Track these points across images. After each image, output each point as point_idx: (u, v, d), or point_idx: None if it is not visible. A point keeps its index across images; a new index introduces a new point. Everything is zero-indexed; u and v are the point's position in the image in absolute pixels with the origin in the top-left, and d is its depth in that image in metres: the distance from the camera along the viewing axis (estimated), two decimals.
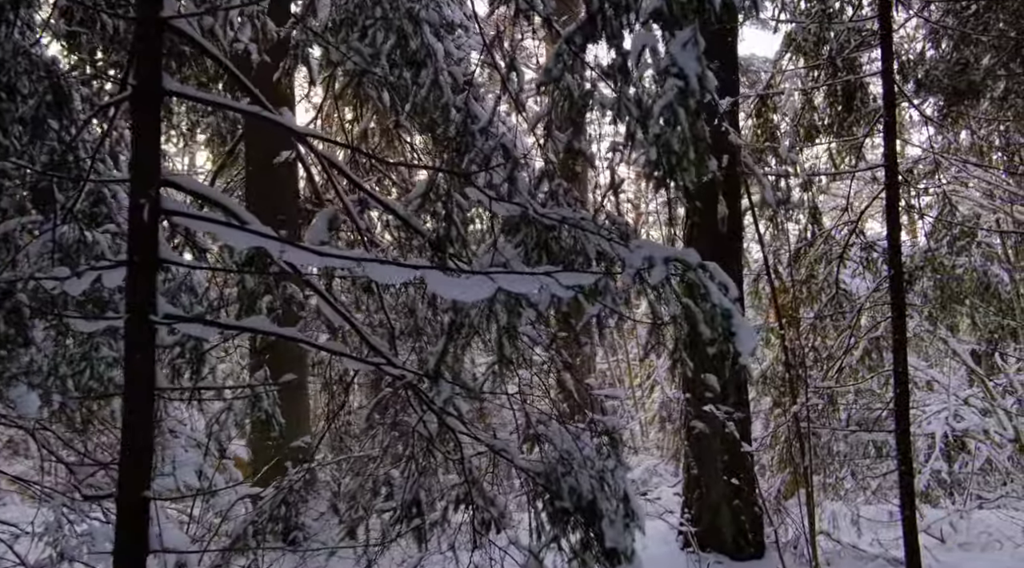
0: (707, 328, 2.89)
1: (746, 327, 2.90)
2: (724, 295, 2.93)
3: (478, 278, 2.86)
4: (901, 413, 7.15)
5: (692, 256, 2.88)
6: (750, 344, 2.88)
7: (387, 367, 3.37)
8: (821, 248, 8.79)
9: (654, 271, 2.78)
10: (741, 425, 8.33)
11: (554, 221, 3.12)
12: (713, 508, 8.29)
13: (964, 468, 12.81)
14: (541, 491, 3.91)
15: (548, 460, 3.85)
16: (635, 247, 2.87)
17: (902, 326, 7.28)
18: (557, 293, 2.91)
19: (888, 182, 7.45)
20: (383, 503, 4.02)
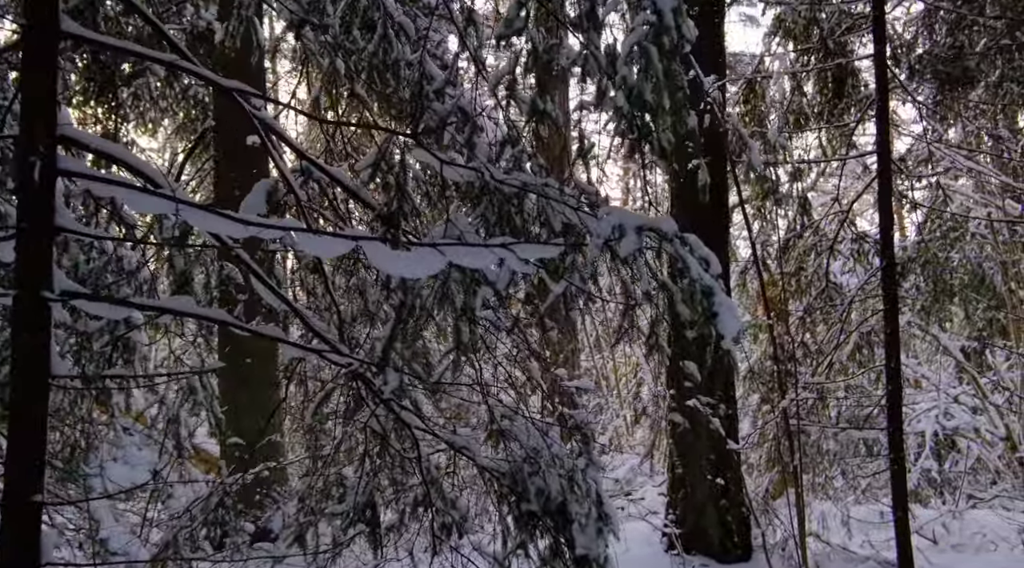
0: (686, 308, 2.52)
1: (729, 307, 2.53)
2: (705, 270, 2.55)
3: (425, 251, 2.48)
4: (894, 410, 6.81)
5: (668, 225, 2.50)
6: (734, 326, 2.51)
7: (331, 355, 2.99)
8: (811, 239, 8.44)
9: (624, 241, 2.41)
10: (728, 422, 7.97)
11: (514, 188, 2.74)
12: (698, 508, 7.92)
13: (954, 467, 12.53)
14: (507, 492, 3.53)
15: (514, 459, 3.48)
16: (603, 215, 2.49)
17: (894, 319, 6.93)
18: (516, 268, 2.54)
19: (880, 169, 7.10)
20: (334, 506, 3.63)
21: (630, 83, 2.35)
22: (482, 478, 3.51)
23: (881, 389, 8.08)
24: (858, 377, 8.19)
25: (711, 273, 2.56)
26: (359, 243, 2.47)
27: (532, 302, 2.95)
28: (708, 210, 7.85)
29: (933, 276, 8.17)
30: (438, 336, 3.37)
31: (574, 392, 3.55)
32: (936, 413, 11.75)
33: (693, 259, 2.53)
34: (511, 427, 3.40)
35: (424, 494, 3.58)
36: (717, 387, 7.82)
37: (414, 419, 3.38)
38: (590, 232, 2.53)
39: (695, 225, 8.01)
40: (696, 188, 7.86)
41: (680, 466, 7.99)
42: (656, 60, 2.32)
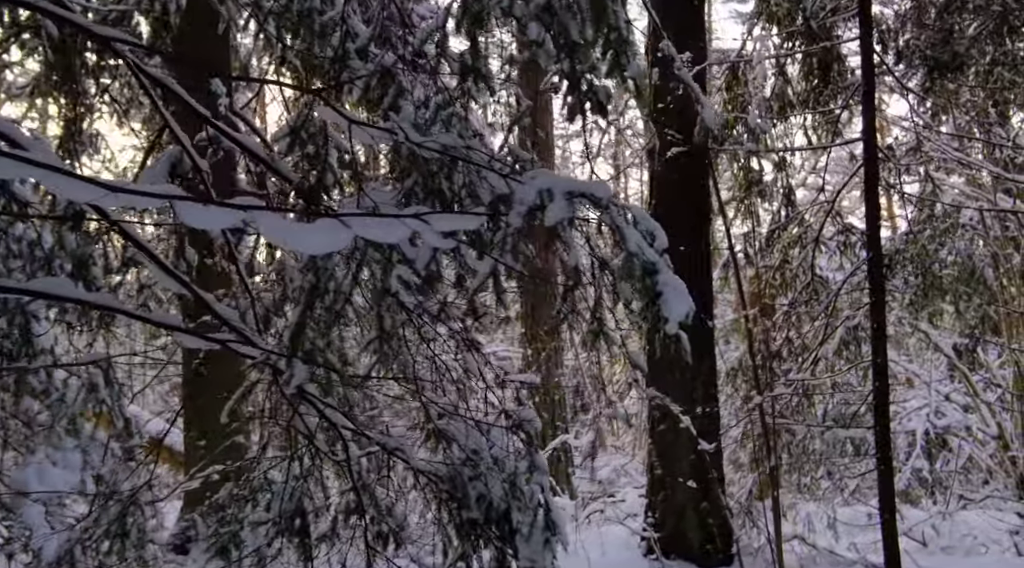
0: (626, 286, 2.17)
1: (676, 287, 2.18)
2: (650, 245, 2.21)
3: (328, 224, 2.13)
4: (880, 408, 6.47)
5: (602, 190, 2.15)
6: (680, 308, 2.16)
7: (240, 346, 2.64)
8: (795, 231, 8.09)
9: (552, 209, 2.06)
10: (710, 422, 7.63)
11: (433, 152, 2.39)
12: (678, 511, 7.56)
13: (946, 466, 12.24)
14: (446, 498, 3.18)
15: (452, 461, 3.12)
16: (528, 179, 2.14)
17: (881, 313, 6.59)
18: (434, 243, 2.19)
19: (867, 157, 6.77)
20: (259, 514, 3.28)
21: (559, 21, 2.01)
22: (418, 483, 3.15)
23: (869, 386, 7.75)
24: (844, 374, 7.84)
25: (656, 247, 2.21)
26: (249, 213, 2.12)
27: (460, 282, 2.61)
28: (687, 200, 7.52)
29: (922, 269, 7.82)
30: (360, 323, 3.02)
31: (519, 387, 3.21)
32: (927, 411, 11.46)
33: (634, 231, 2.18)
34: (448, 426, 3.05)
35: (357, 501, 3.22)
36: (698, 385, 7.48)
37: (340, 418, 3.03)
38: (512, 198, 2.18)
39: (673, 215, 7.71)
40: (674, 177, 7.53)
41: (660, 467, 7.63)
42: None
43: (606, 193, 2.14)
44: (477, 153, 2.41)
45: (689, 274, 7.63)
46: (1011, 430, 10.56)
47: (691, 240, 7.45)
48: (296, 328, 2.51)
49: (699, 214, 7.54)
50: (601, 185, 2.16)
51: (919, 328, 9.60)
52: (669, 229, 7.47)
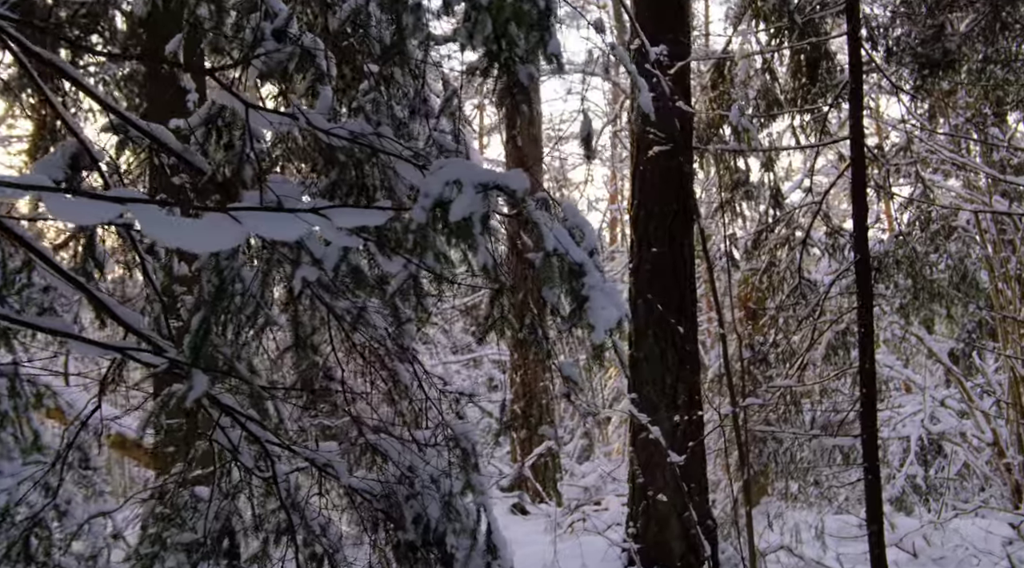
0: (550, 290, 1.93)
1: (606, 291, 1.94)
2: (578, 243, 1.96)
3: (216, 219, 1.88)
4: (868, 415, 6.22)
5: (518, 182, 1.90)
6: (609, 315, 1.91)
7: (139, 354, 2.39)
8: (783, 233, 7.84)
9: (458, 202, 1.81)
10: (693, 428, 7.37)
11: (342, 140, 2.14)
12: (661, 521, 7.29)
13: (940, 473, 12.02)
14: (382, 519, 2.93)
15: (386, 479, 2.88)
16: (436, 168, 1.89)
17: (869, 317, 6.34)
18: (332, 239, 1.94)
19: (854, 156, 6.52)
20: (184, 534, 3.03)
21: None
22: (352, 502, 2.91)
23: (858, 392, 7.50)
24: (831, 380, 7.58)
25: (585, 247, 1.96)
26: (129, 207, 1.88)
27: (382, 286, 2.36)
28: (669, 199, 7.26)
29: (913, 273, 7.56)
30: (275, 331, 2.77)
31: (456, 399, 2.96)
32: (921, 417, 11.25)
33: (560, 228, 1.94)
34: (381, 441, 2.80)
35: (287, 521, 2.97)
36: (681, 391, 7.22)
37: (266, 432, 2.78)
38: (416, 191, 1.94)
39: (655, 215, 7.46)
40: (657, 178, 7.28)
41: (642, 475, 7.37)
42: None
43: (521, 185, 1.88)
44: (390, 142, 2.16)
45: (670, 276, 7.47)
46: (1006, 437, 10.33)
47: (673, 241, 7.20)
48: (196, 335, 2.27)
49: (682, 214, 7.28)
50: (517, 176, 1.90)
51: (912, 333, 9.35)
52: (651, 229, 7.25)
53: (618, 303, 1.93)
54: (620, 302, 1.94)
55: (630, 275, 7.45)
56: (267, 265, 2.22)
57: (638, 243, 7.35)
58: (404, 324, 2.34)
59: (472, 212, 1.79)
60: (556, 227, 1.92)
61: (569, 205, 2.05)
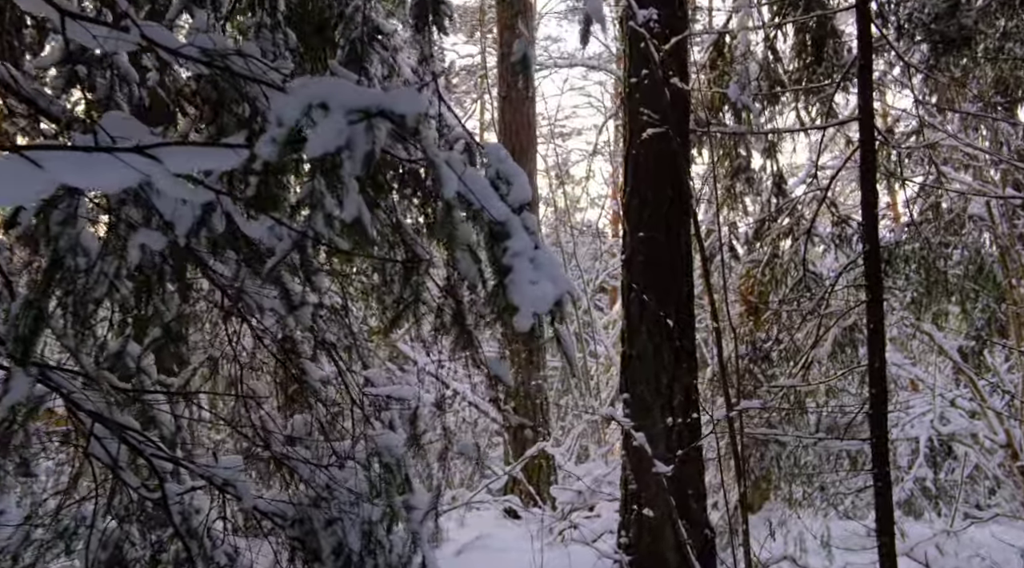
0: (463, 258, 1.40)
1: (538, 261, 1.40)
2: (503, 198, 1.42)
3: (7, 166, 1.35)
4: (877, 417, 5.66)
5: (409, 105, 1.36)
6: (541, 293, 1.38)
7: None
8: (786, 222, 7.29)
9: (318, 132, 1.27)
10: (690, 432, 6.83)
11: (195, 62, 1.61)
12: (654, 531, 6.73)
13: (951, 475, 11.51)
14: (297, 547, 2.39)
15: (299, 501, 2.34)
16: (296, 88, 1.35)
17: (879, 312, 5.79)
18: (166, 189, 1.41)
19: (863, 138, 5.97)
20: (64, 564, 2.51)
21: None
22: (259, 526, 2.37)
23: (866, 392, 6.96)
24: (837, 379, 7.03)
25: (512, 201, 1.43)
26: None
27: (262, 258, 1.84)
28: (665, 185, 6.70)
29: (925, 264, 7.00)
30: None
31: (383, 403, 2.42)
32: (931, 418, 10.74)
33: (473, 174, 1.40)
34: (290, 454, 2.27)
35: (186, 550, 2.44)
36: (677, 392, 6.67)
37: (148, 444, 2.25)
38: (266, 119, 1.40)
39: (649, 203, 6.91)
40: (651, 163, 6.72)
41: (634, 481, 6.82)
42: None
43: (413, 109, 1.34)
44: (255, 62, 1.63)
45: (666, 267, 6.91)
46: (1020, 438, 9.81)
47: (669, 230, 6.64)
48: (19, 323, 1.74)
49: (678, 201, 6.72)
50: (407, 97, 1.36)
51: (921, 330, 8.79)
52: (645, 218, 6.69)
53: (555, 276, 1.40)
54: (558, 276, 1.40)
55: (623, 267, 6.90)
56: (111, 230, 1.70)
57: (631, 232, 6.79)
58: (297, 309, 1.82)
59: (340, 146, 1.26)
60: (470, 173, 1.39)
61: (495, 148, 1.51)
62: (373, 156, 1.33)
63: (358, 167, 1.29)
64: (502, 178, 1.47)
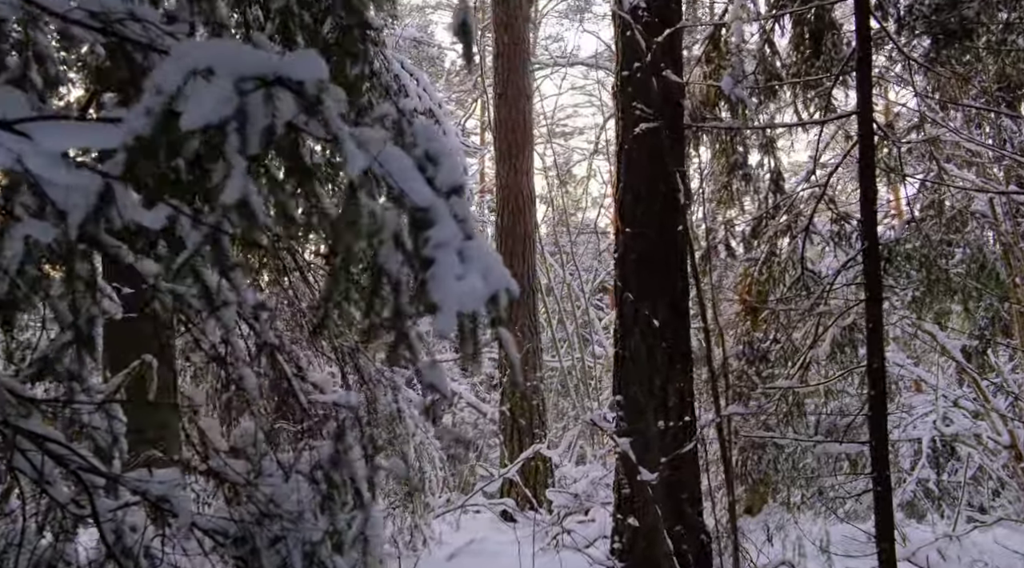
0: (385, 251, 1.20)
1: (467, 253, 1.21)
2: (429, 181, 1.23)
3: None
4: (877, 418, 5.48)
5: (308, 70, 1.15)
6: (468, 291, 1.18)
7: None
8: (784, 220, 7.08)
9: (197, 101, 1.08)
10: (684, 434, 6.62)
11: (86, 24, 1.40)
12: (649, 535, 6.53)
13: (954, 476, 11.32)
14: (240, 566, 2.20)
15: (242, 517, 2.15)
16: (180, 53, 1.15)
17: (878, 312, 5.60)
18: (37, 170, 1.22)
19: (862, 133, 5.79)
20: None
21: None
22: (202, 546, 2.18)
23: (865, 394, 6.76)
24: (836, 380, 6.82)
25: (441, 184, 1.24)
26: None
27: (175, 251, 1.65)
28: (658, 182, 6.50)
29: (926, 262, 6.79)
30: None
31: (324, 410, 2.22)
32: (934, 418, 10.55)
33: (394, 152, 1.21)
34: (226, 464, 2.08)
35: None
36: (671, 393, 6.46)
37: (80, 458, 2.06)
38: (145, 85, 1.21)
39: (642, 199, 6.71)
40: (645, 158, 6.52)
41: (627, 485, 6.61)
42: None
43: (313, 74, 1.15)
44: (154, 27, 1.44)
45: (660, 266, 6.71)
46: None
47: (663, 227, 6.44)
48: None
49: (672, 198, 6.51)
50: (306, 61, 1.16)
51: (923, 329, 8.58)
52: (638, 215, 6.48)
53: (488, 271, 1.20)
54: (492, 270, 1.21)
55: (615, 265, 6.70)
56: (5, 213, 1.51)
57: (624, 229, 6.59)
58: (219, 309, 1.63)
59: (226, 117, 1.07)
60: (390, 152, 1.20)
61: (424, 126, 1.32)
62: (273, 131, 1.15)
63: (255, 143, 1.10)
64: (431, 159, 1.28)
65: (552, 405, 14.23)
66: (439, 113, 7.54)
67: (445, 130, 7.55)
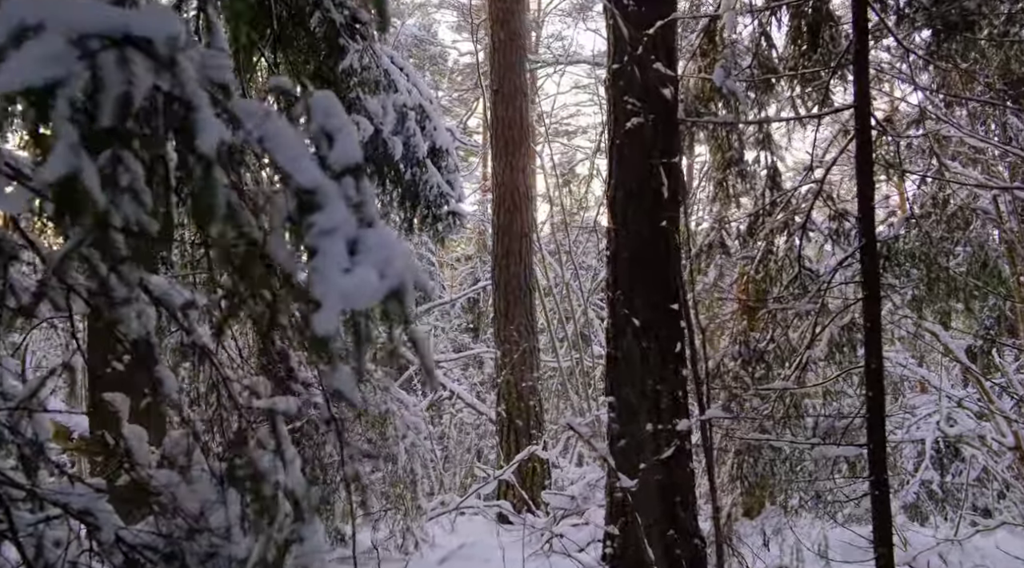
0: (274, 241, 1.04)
1: (364, 243, 1.04)
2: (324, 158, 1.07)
3: None
4: (874, 421, 5.31)
5: (161, 26, 0.99)
6: (356, 285, 1.01)
7: None
8: (781, 217, 6.90)
9: (21, 57, 0.92)
10: (679, 437, 6.45)
11: None
12: (640, 540, 6.35)
13: (958, 478, 11.14)
14: None
15: (170, 531, 1.99)
16: (8, 5, 1.00)
17: (876, 311, 5.43)
18: None
19: (859, 127, 5.63)
20: None
21: None
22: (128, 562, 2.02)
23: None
24: (832, 381, 6.64)
25: (335, 163, 1.07)
26: None
27: None
28: (651, 179, 6.32)
29: (926, 260, 6.61)
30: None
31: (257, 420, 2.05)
32: (937, 419, 10.36)
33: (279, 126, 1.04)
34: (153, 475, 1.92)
35: None
36: (664, 395, 6.29)
37: None
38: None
39: (633, 197, 6.53)
40: (637, 154, 6.34)
41: (620, 489, 6.43)
42: None
43: (163, 31, 0.98)
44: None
45: (653, 265, 6.53)
46: None
47: (655, 224, 6.25)
48: None
49: (666, 196, 6.33)
50: (156, 16, 0.99)
51: (925, 328, 8.38)
52: (630, 212, 6.31)
53: (388, 264, 1.04)
54: (393, 263, 1.05)
55: (607, 263, 6.53)
56: None
57: (615, 228, 6.41)
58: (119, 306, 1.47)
59: (54, 79, 0.91)
60: (274, 126, 1.03)
61: (322, 98, 1.15)
62: (130, 99, 0.98)
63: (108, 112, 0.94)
64: (328, 135, 1.11)
65: (552, 406, 14.07)
66: (430, 108, 7.38)
67: (436, 126, 7.38)
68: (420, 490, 8.39)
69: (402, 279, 1.06)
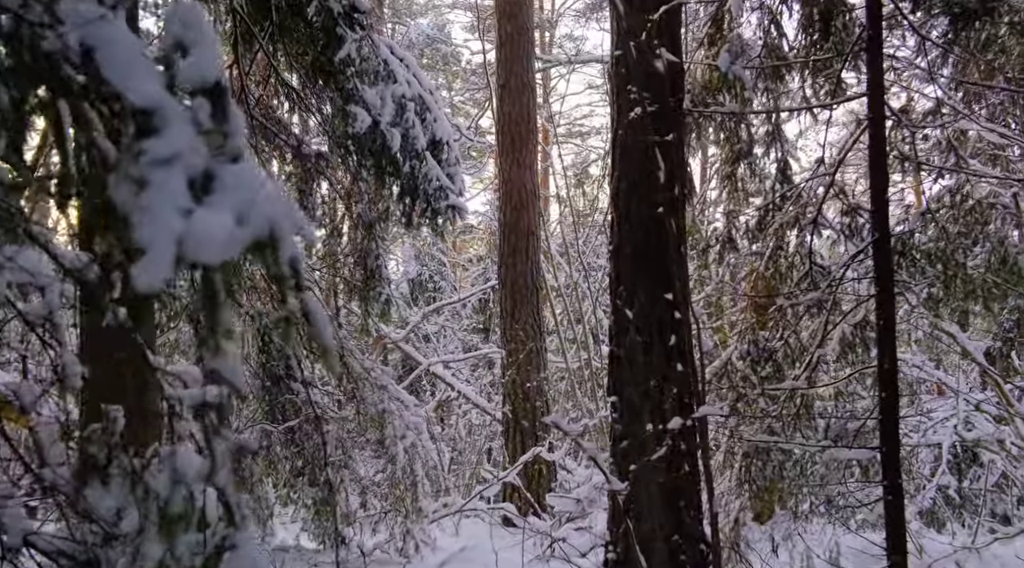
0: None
1: (217, 178, 0.82)
2: (168, 67, 0.85)
3: None
4: (888, 423, 5.05)
5: None
6: (208, 230, 0.79)
7: None
8: (792, 211, 6.64)
9: None
10: (684, 439, 6.19)
11: None
12: (644, 545, 6.10)
13: (976, 483, 10.82)
14: None
15: (84, 537, 1.78)
16: None
17: (890, 308, 5.17)
18: None
19: (872, 116, 5.37)
20: None
21: None
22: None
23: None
24: (842, 382, 6.36)
25: (184, 82, 0.84)
26: None
27: None
28: (656, 171, 6.06)
29: (943, 256, 6.33)
30: None
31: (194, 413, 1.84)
32: (955, 423, 10.06)
33: (113, 31, 0.82)
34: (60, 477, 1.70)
35: None
36: (668, 394, 6.03)
37: None
38: None
39: (637, 189, 6.29)
40: (640, 144, 6.09)
41: (622, 492, 6.18)
42: None
43: None
44: None
45: (657, 260, 6.27)
46: None
47: (660, 218, 6.00)
48: None
49: (670, 188, 6.08)
50: None
51: (942, 329, 8.09)
52: (633, 206, 6.06)
53: (251, 205, 0.81)
54: (258, 203, 0.82)
55: (609, 258, 6.28)
56: None
57: (618, 221, 6.16)
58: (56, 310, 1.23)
59: None
60: (105, 31, 0.81)
61: (185, 7, 0.92)
62: None
63: None
64: (180, 48, 0.89)
65: (561, 407, 13.82)
66: (430, 99, 7.15)
67: (436, 117, 7.16)
68: (420, 491, 8.17)
69: (272, 226, 0.83)
